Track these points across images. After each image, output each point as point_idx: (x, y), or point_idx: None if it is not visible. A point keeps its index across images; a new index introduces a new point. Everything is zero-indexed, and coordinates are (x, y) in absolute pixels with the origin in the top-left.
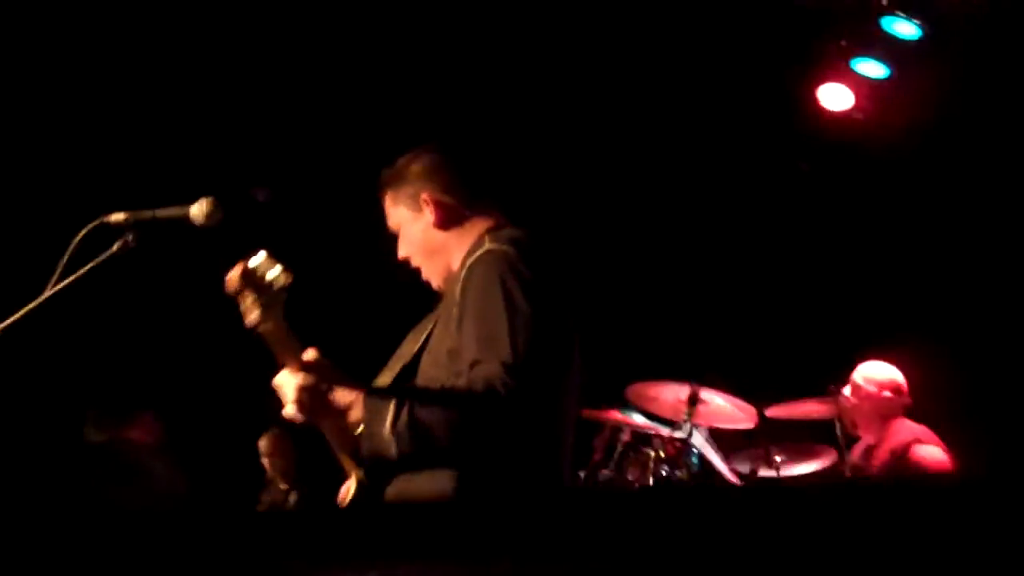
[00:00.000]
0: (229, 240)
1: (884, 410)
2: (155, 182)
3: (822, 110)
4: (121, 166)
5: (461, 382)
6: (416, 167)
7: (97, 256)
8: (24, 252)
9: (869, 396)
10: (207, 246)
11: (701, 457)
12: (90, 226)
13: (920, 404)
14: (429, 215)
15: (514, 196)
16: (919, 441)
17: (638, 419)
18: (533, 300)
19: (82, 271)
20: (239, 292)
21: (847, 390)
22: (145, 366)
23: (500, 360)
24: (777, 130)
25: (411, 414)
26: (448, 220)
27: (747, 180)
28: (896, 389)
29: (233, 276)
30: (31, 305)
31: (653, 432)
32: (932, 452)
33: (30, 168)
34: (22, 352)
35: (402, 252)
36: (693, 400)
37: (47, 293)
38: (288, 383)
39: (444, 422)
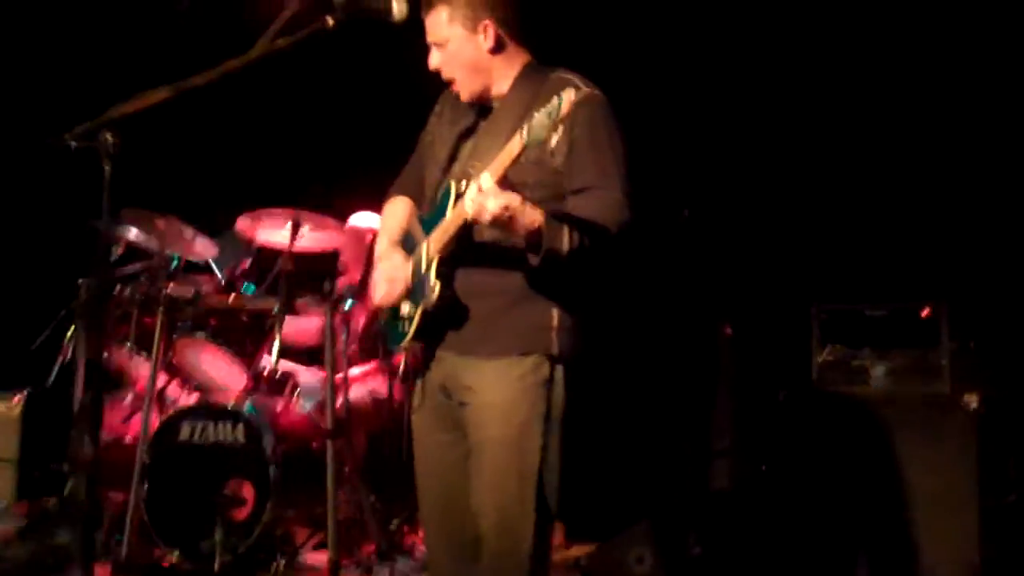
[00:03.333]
0: None
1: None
2: None
3: None
4: None
5: (594, 202)
6: None
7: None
8: None
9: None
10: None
11: None
12: None
13: None
14: (485, 40)
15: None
16: None
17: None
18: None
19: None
20: None
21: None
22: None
23: (622, 192)
24: None
25: (580, 238)
26: (499, 47)
27: None
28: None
29: None
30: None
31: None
32: None
33: None
34: None
35: (440, 63)
36: None
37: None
38: (494, 196)
39: (594, 238)
